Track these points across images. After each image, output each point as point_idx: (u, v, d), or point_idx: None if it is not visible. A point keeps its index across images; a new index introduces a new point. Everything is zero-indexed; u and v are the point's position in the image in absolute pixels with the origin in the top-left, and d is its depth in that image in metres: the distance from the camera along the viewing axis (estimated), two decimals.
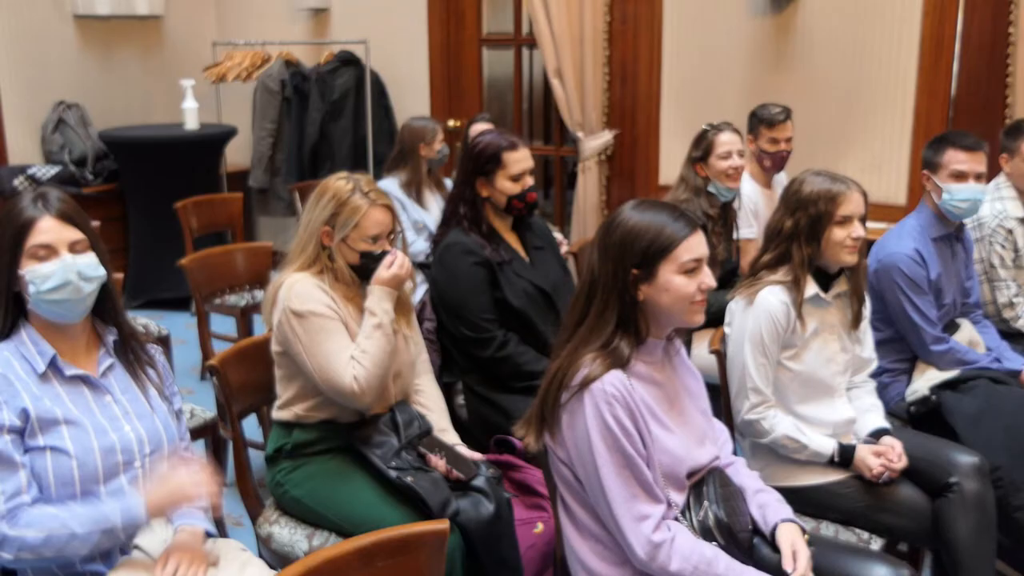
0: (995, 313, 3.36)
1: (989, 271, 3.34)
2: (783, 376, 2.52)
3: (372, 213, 2.44)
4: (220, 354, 2.56)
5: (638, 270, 1.91)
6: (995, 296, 3.35)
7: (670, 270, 1.91)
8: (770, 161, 3.95)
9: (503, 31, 6.13)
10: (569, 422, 1.91)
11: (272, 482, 2.50)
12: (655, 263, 1.91)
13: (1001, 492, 2.62)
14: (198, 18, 6.83)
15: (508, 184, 2.96)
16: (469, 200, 2.99)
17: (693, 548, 1.87)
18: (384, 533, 1.66)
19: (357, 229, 2.44)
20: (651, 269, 1.91)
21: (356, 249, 2.45)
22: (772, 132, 3.91)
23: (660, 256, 1.90)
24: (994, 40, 4.35)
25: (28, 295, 1.92)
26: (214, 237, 5.16)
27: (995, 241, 3.32)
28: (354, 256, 2.46)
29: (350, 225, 2.43)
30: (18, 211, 1.93)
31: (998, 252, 3.32)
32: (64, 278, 1.90)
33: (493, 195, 2.98)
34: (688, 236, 1.92)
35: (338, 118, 6.07)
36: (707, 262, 1.98)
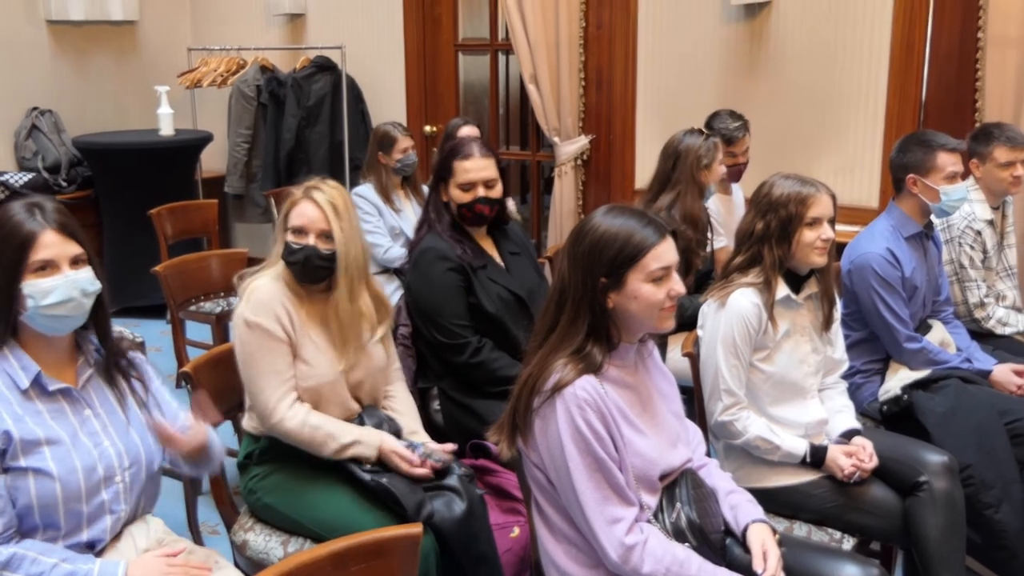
0: (966, 313, 3.40)
1: (959, 272, 3.38)
2: (755, 378, 2.54)
3: (300, 204, 2.44)
4: (193, 361, 2.55)
5: (606, 279, 1.92)
6: (966, 296, 3.39)
7: (638, 278, 1.92)
8: (729, 174, 3.96)
9: (479, 36, 6.14)
10: (541, 427, 1.92)
11: (245, 489, 2.50)
12: (623, 272, 1.91)
13: (972, 490, 2.65)
14: (173, 23, 6.81)
15: (457, 193, 2.95)
16: (435, 204, 3.01)
17: (665, 550, 1.88)
18: (357, 538, 1.66)
19: (286, 220, 2.44)
20: (619, 278, 1.92)
21: (283, 239, 2.45)
22: (731, 148, 3.91)
23: (628, 265, 1.91)
24: (963, 44, 4.41)
25: (24, 309, 1.89)
26: (190, 244, 5.12)
27: (964, 242, 3.36)
28: (281, 247, 2.46)
29: (283, 215, 2.45)
30: (15, 224, 1.90)
31: (967, 253, 3.36)
32: (66, 294, 1.90)
33: (451, 202, 2.99)
34: (656, 244, 1.92)
35: (314, 124, 6.06)
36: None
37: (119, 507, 1.99)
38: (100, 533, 1.96)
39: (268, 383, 2.38)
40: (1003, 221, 3.55)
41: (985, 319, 3.40)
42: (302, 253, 2.42)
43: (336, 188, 2.48)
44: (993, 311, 3.41)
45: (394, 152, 4.40)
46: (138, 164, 5.85)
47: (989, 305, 3.40)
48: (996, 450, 2.72)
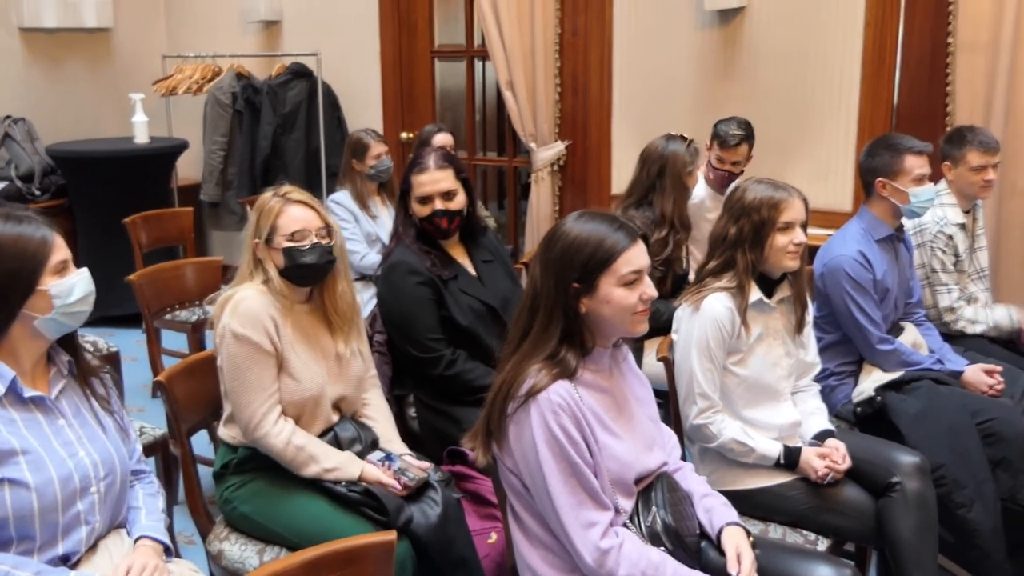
0: (936, 317, 3.43)
1: (931, 276, 3.41)
2: (729, 381, 2.55)
3: (288, 210, 2.45)
4: (167, 370, 2.54)
5: (579, 283, 1.92)
6: (936, 300, 3.42)
7: (610, 283, 1.92)
8: (713, 176, 4.01)
9: (455, 43, 6.15)
10: (516, 433, 1.92)
11: (221, 499, 2.49)
12: (595, 276, 1.92)
13: (944, 490, 2.68)
14: (148, 31, 6.78)
15: (417, 206, 2.95)
16: (403, 218, 3.01)
17: (641, 554, 1.89)
18: (330, 546, 1.66)
19: (276, 230, 2.44)
20: (591, 283, 1.92)
21: (279, 248, 2.44)
22: (722, 151, 3.97)
23: (599, 269, 1.92)
24: (934, 50, 4.45)
25: (47, 311, 1.93)
26: (165, 252, 5.10)
27: (936, 247, 3.39)
28: (279, 257, 2.45)
29: (268, 227, 2.44)
30: (20, 232, 1.93)
31: (939, 257, 3.40)
32: (87, 288, 2.00)
33: (414, 215, 2.98)
34: (627, 248, 1.93)
35: (290, 130, 6.05)
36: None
37: (94, 518, 1.98)
38: (75, 545, 1.95)
39: (255, 397, 2.37)
40: (974, 224, 3.59)
41: (954, 322, 3.43)
42: (314, 253, 2.44)
43: (298, 188, 2.53)
44: (962, 312, 3.44)
45: (367, 159, 4.41)
46: (113, 172, 5.82)
47: (959, 309, 3.43)
48: (968, 450, 2.75)
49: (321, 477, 2.38)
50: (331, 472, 2.38)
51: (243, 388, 2.38)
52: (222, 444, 2.53)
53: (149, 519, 2.11)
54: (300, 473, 2.38)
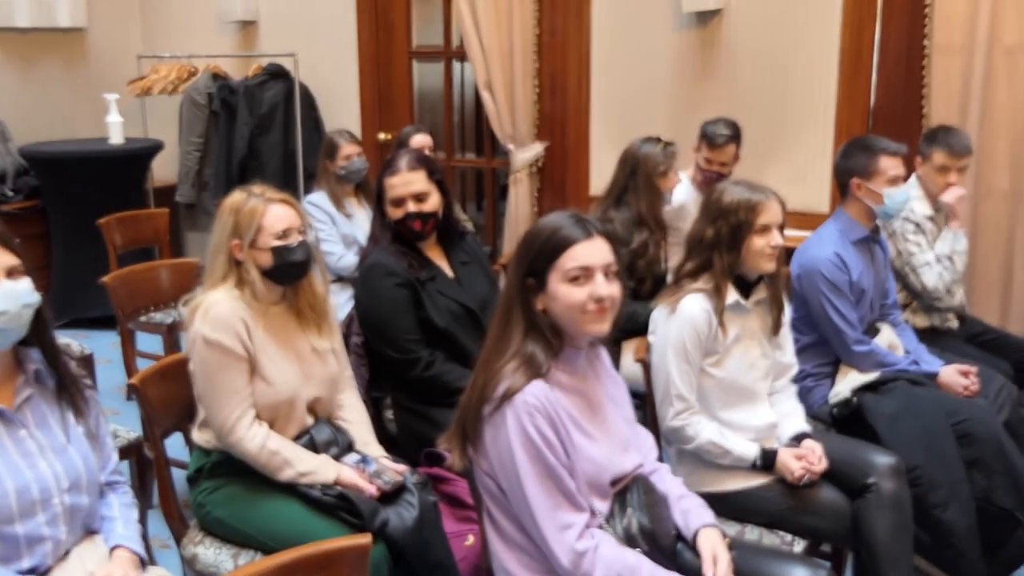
0: (928, 302, 3.44)
1: (909, 260, 3.41)
2: (706, 382, 2.55)
3: (271, 209, 2.44)
4: (141, 373, 2.51)
5: (531, 278, 1.92)
6: (923, 283, 3.40)
7: (556, 279, 1.91)
8: (700, 176, 4.01)
9: (433, 44, 6.14)
10: (492, 435, 1.91)
11: (195, 503, 2.47)
12: (544, 271, 1.91)
13: (920, 490, 2.69)
14: (122, 31, 6.72)
15: (390, 209, 2.94)
16: (379, 221, 2.99)
17: (616, 556, 1.89)
18: (305, 549, 1.64)
19: (262, 230, 2.42)
20: (542, 278, 1.92)
21: (267, 248, 2.42)
22: (710, 152, 3.97)
23: (547, 264, 1.91)
24: (910, 51, 4.49)
25: None
26: (140, 254, 5.06)
27: (906, 233, 3.41)
28: (266, 257, 2.43)
29: (253, 228, 2.42)
30: None
31: (912, 240, 3.41)
32: (5, 307, 1.87)
33: (389, 218, 2.97)
34: (576, 243, 1.91)
35: (267, 132, 6.01)
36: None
37: (58, 530, 1.94)
38: (41, 559, 1.92)
39: (227, 402, 2.36)
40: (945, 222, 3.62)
41: (950, 301, 3.45)
42: (301, 250, 2.45)
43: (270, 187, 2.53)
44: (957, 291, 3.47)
45: (337, 159, 4.39)
46: (87, 173, 5.76)
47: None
48: (943, 451, 2.76)
49: (296, 481, 2.36)
50: (306, 476, 2.36)
51: (216, 393, 2.36)
52: (196, 448, 2.51)
53: (126, 529, 2.08)
54: (275, 477, 2.37)
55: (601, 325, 1.94)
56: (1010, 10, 4.17)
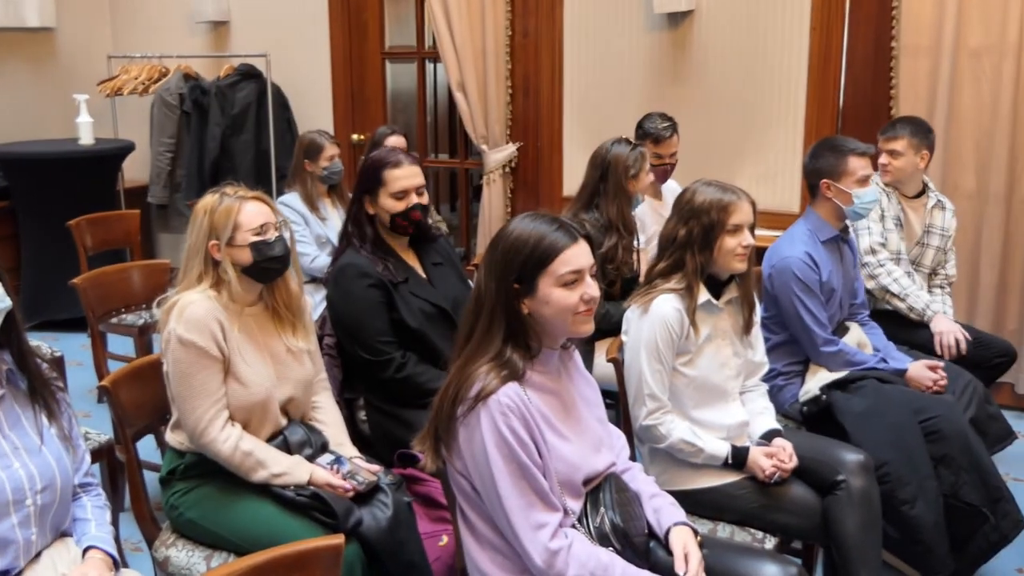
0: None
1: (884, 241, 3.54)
2: (678, 382, 2.57)
3: (246, 206, 2.44)
4: (112, 374, 2.49)
5: (519, 284, 1.93)
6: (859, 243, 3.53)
7: (549, 283, 1.92)
8: (655, 173, 4.03)
9: (406, 44, 6.13)
10: (466, 435, 1.91)
11: (167, 505, 2.46)
12: (534, 277, 1.92)
13: (888, 487, 2.72)
14: (92, 30, 6.66)
15: (391, 202, 2.94)
16: (355, 218, 2.99)
17: (590, 554, 1.90)
18: (278, 550, 1.64)
19: (239, 227, 2.42)
20: (531, 283, 1.92)
21: (245, 244, 2.42)
22: (658, 148, 4.00)
23: (538, 270, 1.92)
24: (877, 53, 4.54)
25: None
26: (112, 255, 5.03)
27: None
28: (245, 254, 2.42)
29: (230, 225, 2.41)
30: None
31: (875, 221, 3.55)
32: None
33: (379, 213, 2.97)
34: (566, 248, 1.93)
35: (239, 132, 5.99)
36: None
37: (30, 531, 1.93)
38: (12, 560, 1.90)
39: (200, 403, 2.35)
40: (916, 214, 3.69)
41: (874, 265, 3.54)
42: (280, 245, 2.45)
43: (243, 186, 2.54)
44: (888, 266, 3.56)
45: (320, 160, 4.38)
46: (57, 174, 5.71)
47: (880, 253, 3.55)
48: (911, 448, 2.80)
49: (270, 482, 2.36)
50: (280, 477, 2.36)
51: (189, 394, 2.35)
52: (169, 449, 2.50)
53: (99, 530, 2.07)
54: (248, 479, 2.36)
55: (589, 325, 1.98)
56: (975, 13, 4.24)
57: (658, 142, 4.00)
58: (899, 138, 3.59)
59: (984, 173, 4.36)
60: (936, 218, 3.70)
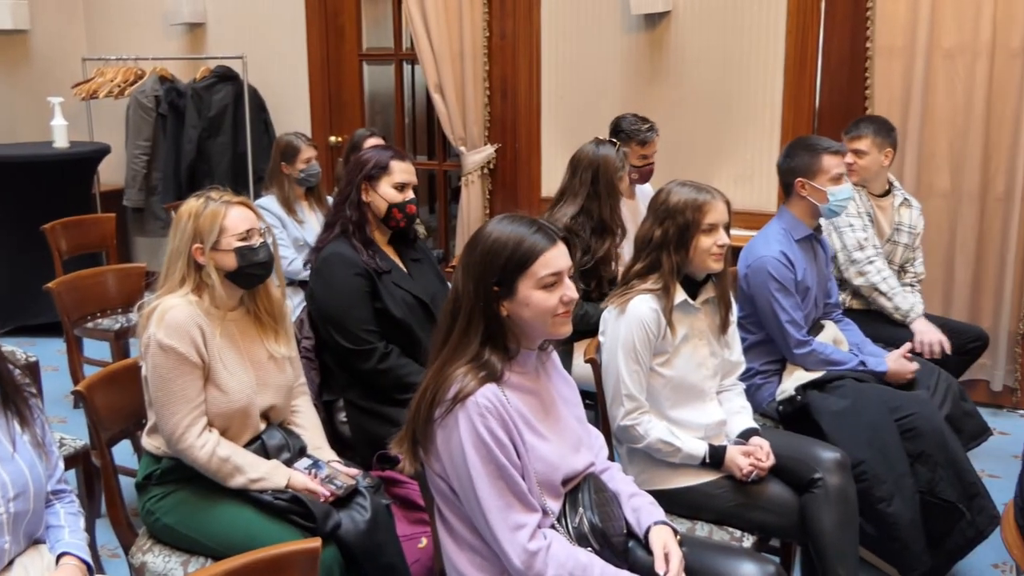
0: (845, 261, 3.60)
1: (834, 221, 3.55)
2: (656, 382, 2.58)
3: (232, 211, 2.43)
4: (87, 379, 2.48)
5: (498, 287, 1.93)
6: (844, 242, 3.59)
7: (528, 285, 1.92)
8: (638, 175, 4.05)
9: (383, 46, 6.12)
10: (444, 437, 1.91)
11: (144, 510, 2.44)
12: (514, 279, 1.92)
13: (865, 485, 2.74)
14: (67, 33, 6.61)
15: (391, 191, 2.96)
16: (355, 203, 2.97)
17: (569, 555, 1.90)
18: (254, 554, 1.63)
19: (224, 231, 2.41)
20: (511, 285, 1.92)
21: (230, 249, 2.41)
22: (644, 149, 4.01)
23: (518, 272, 1.92)
24: (853, 54, 4.58)
25: None
26: (87, 259, 4.99)
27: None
28: (230, 259, 2.41)
29: (216, 230, 2.40)
30: None
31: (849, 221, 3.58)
32: None
33: (374, 201, 2.96)
34: (545, 250, 1.93)
35: (216, 134, 5.96)
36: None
37: (3, 539, 1.92)
38: None
39: (179, 409, 2.33)
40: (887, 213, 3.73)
41: (862, 262, 3.57)
42: (264, 251, 2.45)
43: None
44: (876, 263, 3.58)
45: (297, 162, 4.37)
46: (31, 178, 5.66)
47: (868, 249, 3.59)
48: (887, 445, 2.82)
49: (248, 488, 2.35)
50: (257, 482, 2.35)
51: (168, 399, 2.34)
52: (145, 454, 2.48)
53: (72, 537, 2.06)
54: (226, 484, 2.35)
55: (567, 326, 1.98)
56: (948, 14, 4.27)
57: (644, 144, 4.01)
58: (863, 137, 3.63)
59: (958, 172, 4.40)
60: (904, 216, 3.74)
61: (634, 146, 3.98)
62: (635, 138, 3.99)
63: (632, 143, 3.98)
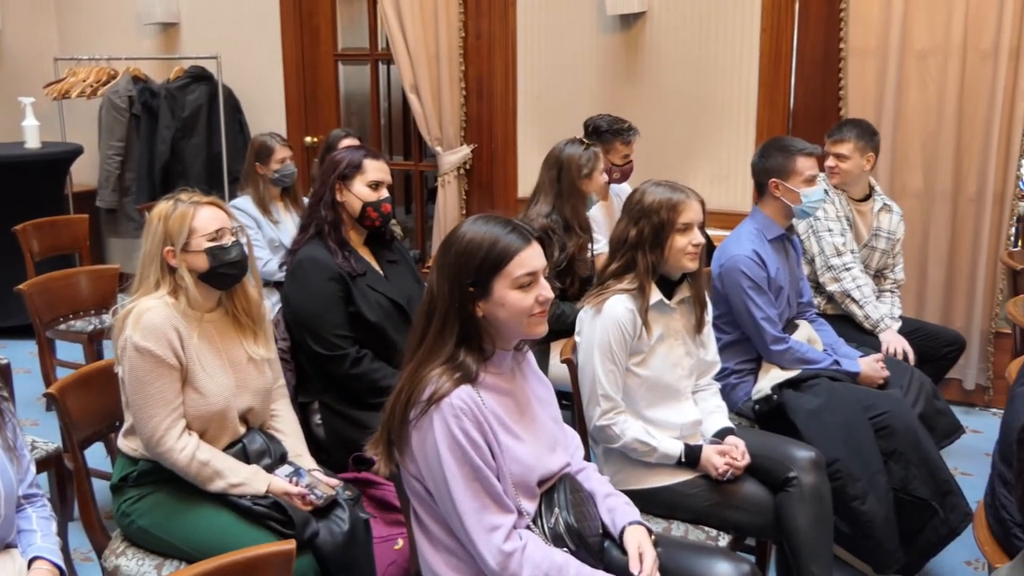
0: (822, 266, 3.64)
1: (814, 224, 3.61)
2: (631, 382, 2.58)
3: (200, 212, 2.41)
4: (59, 381, 2.45)
5: (473, 287, 1.92)
6: (821, 246, 3.63)
7: (504, 285, 1.92)
8: (619, 173, 4.08)
9: (359, 47, 6.10)
10: (419, 438, 1.91)
11: (118, 513, 2.41)
12: (489, 279, 1.92)
13: (839, 483, 2.75)
14: (38, 33, 6.55)
15: (365, 190, 2.94)
16: (329, 203, 2.95)
17: (544, 555, 1.90)
18: (227, 556, 1.62)
19: (194, 232, 2.39)
20: (486, 286, 1.92)
21: (200, 250, 2.39)
22: (627, 148, 4.06)
23: (493, 272, 1.91)
24: (827, 55, 4.61)
25: None
26: (60, 260, 4.94)
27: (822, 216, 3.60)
28: (201, 260, 2.39)
29: (185, 231, 2.38)
30: None
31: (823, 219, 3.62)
32: None
33: (349, 201, 2.95)
34: (520, 250, 1.93)
35: (190, 135, 5.92)
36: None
37: None
38: None
39: (157, 412, 2.31)
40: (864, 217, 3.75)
41: (839, 268, 3.59)
42: (236, 250, 2.42)
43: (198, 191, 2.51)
44: (853, 270, 3.61)
45: (271, 162, 4.35)
46: (2, 179, 5.60)
47: (845, 255, 3.62)
48: (862, 444, 2.83)
49: (227, 492, 2.33)
50: (237, 487, 2.33)
51: (145, 402, 2.32)
52: (121, 456, 2.45)
53: (44, 541, 2.04)
54: (205, 488, 2.33)
55: (543, 326, 1.98)
56: (921, 15, 4.31)
57: (627, 142, 4.06)
58: (846, 141, 3.65)
59: (931, 173, 4.44)
60: (883, 221, 3.76)
61: (617, 145, 4.01)
62: (617, 137, 4.01)
63: (615, 142, 4.01)
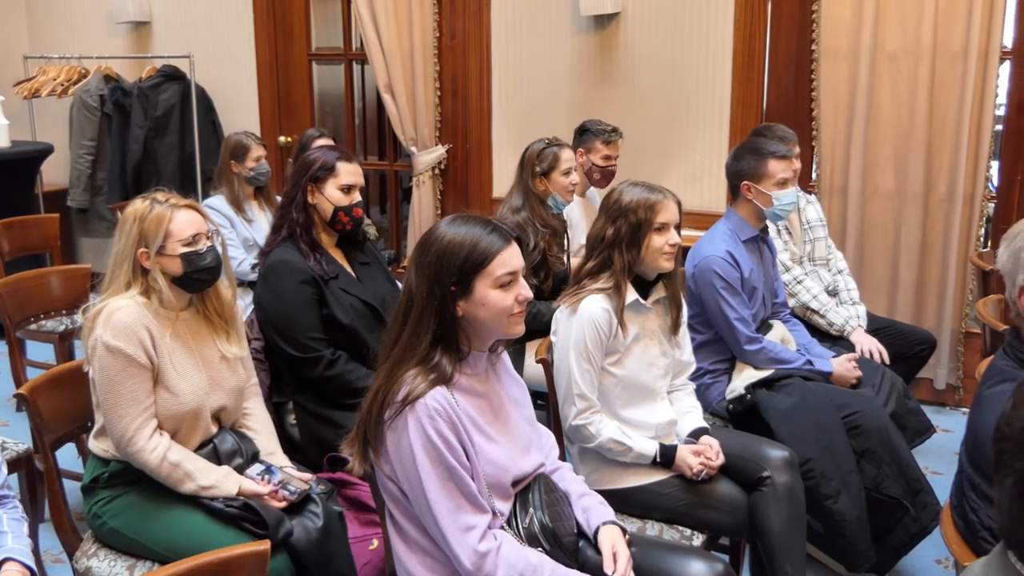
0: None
1: None
2: (607, 381, 2.59)
3: (178, 215, 2.39)
4: (30, 382, 2.43)
5: (455, 287, 1.92)
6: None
7: (485, 285, 1.92)
8: (600, 175, 4.10)
9: (333, 46, 6.08)
10: (393, 439, 1.90)
11: (90, 514, 2.39)
12: (470, 279, 1.92)
13: (812, 482, 2.77)
14: (8, 31, 6.48)
15: (337, 194, 2.92)
16: (300, 205, 2.94)
17: (519, 556, 1.90)
18: (201, 557, 1.61)
19: (170, 236, 2.37)
20: (467, 285, 1.92)
21: (176, 254, 2.37)
22: (608, 149, 4.10)
23: (475, 271, 1.91)
24: (799, 55, 4.64)
25: None
26: (31, 260, 4.89)
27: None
28: (176, 264, 2.37)
29: (161, 234, 2.36)
30: None
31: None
32: None
33: (320, 203, 2.93)
34: (501, 250, 1.93)
35: (163, 134, 5.88)
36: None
37: None
38: None
39: (128, 412, 2.29)
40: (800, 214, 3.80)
41: (790, 283, 3.64)
42: (211, 255, 2.41)
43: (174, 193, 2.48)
44: (805, 282, 3.65)
45: (247, 160, 4.33)
46: None
47: (793, 269, 3.67)
48: (834, 443, 2.85)
49: (198, 494, 2.31)
50: (208, 490, 2.32)
51: (116, 402, 2.30)
52: (92, 457, 2.43)
53: (16, 542, 2.02)
54: (176, 489, 2.32)
55: (521, 326, 1.99)
56: (892, 17, 4.35)
57: (609, 143, 4.11)
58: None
59: (902, 173, 4.48)
60: (810, 212, 3.84)
61: (597, 144, 4.05)
62: (600, 137, 4.07)
63: (595, 141, 4.05)
